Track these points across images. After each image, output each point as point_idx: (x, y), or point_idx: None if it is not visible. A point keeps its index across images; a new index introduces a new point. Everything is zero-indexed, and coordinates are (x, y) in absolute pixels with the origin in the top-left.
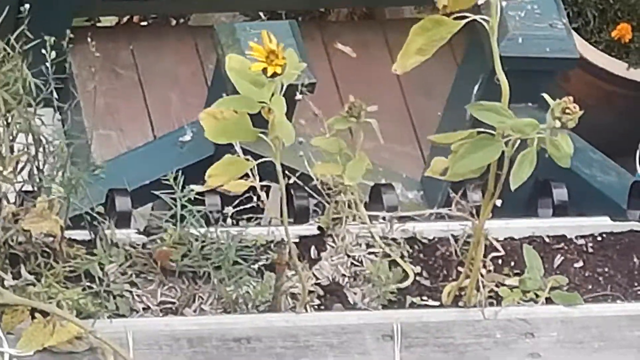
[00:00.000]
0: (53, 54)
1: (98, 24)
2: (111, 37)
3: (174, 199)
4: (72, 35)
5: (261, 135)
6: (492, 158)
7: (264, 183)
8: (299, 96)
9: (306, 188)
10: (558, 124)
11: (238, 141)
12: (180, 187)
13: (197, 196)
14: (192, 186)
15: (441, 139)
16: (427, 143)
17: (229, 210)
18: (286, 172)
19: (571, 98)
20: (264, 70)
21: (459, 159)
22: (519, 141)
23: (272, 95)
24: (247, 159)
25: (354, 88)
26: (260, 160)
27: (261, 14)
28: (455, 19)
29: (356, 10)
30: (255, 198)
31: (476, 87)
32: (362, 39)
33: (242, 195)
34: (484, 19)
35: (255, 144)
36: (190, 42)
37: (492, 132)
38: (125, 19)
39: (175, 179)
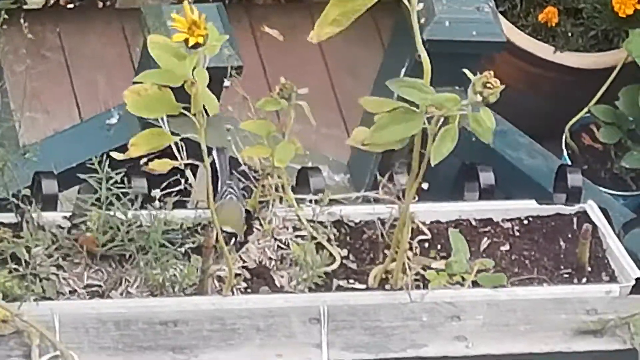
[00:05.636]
0: None
1: (25, 6)
2: (38, 20)
3: (100, 182)
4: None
5: (184, 111)
6: (412, 131)
7: (188, 161)
8: (227, 83)
9: (233, 172)
10: (479, 98)
11: (165, 121)
12: (105, 171)
13: (124, 178)
14: (113, 154)
15: (371, 105)
16: (353, 126)
17: (156, 193)
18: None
19: (492, 72)
20: (186, 41)
21: (379, 129)
22: (442, 119)
23: (195, 68)
24: (172, 134)
25: (281, 71)
26: (184, 135)
27: None
28: None
29: None
30: (183, 181)
31: (403, 70)
32: (289, 22)
33: (169, 178)
34: None
35: (181, 126)
36: (117, 25)
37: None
38: (52, 2)
39: (100, 162)
